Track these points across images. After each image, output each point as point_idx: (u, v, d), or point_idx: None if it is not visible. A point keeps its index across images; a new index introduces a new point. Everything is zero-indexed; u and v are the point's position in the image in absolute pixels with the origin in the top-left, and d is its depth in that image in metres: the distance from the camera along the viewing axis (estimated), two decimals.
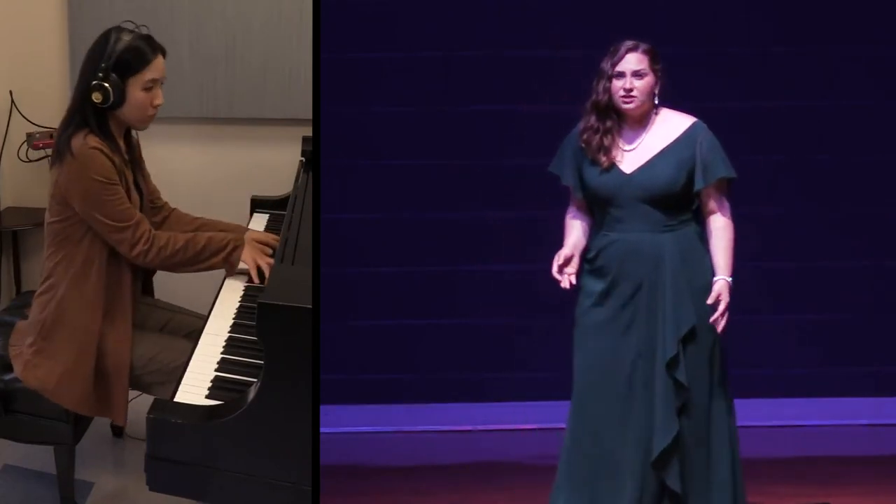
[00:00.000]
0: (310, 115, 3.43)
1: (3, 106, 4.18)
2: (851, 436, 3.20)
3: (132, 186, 2.78)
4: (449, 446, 3.20)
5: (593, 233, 2.40)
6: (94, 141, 2.64)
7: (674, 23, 3.22)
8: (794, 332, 3.28)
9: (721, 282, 2.33)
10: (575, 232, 2.40)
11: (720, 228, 2.35)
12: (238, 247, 2.82)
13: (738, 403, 3.28)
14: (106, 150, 2.65)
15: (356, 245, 3.31)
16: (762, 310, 3.27)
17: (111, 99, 2.66)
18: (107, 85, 2.65)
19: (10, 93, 4.17)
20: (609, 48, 2.35)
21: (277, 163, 4.02)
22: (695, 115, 2.41)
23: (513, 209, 3.26)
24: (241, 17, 4.06)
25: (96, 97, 2.66)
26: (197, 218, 3.18)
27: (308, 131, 3.76)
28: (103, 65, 2.65)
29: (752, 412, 3.24)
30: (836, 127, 3.28)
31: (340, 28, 3.24)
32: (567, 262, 2.35)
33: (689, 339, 2.31)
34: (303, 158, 3.73)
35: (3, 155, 4.22)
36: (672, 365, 2.29)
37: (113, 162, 2.66)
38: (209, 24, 4.06)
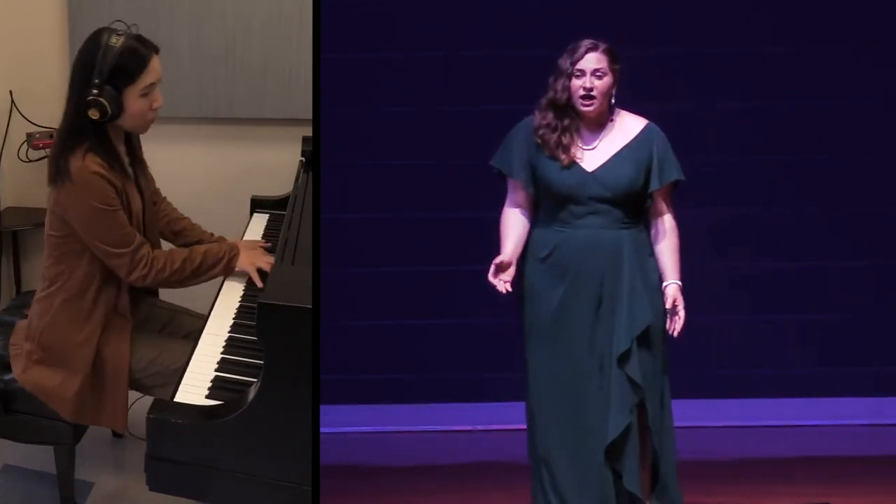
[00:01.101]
0: (310, 115, 3.43)
1: (3, 106, 4.18)
2: (851, 436, 3.19)
3: (134, 190, 2.73)
4: (449, 446, 3.19)
5: (540, 228, 2.38)
6: (93, 163, 2.54)
7: (674, 23, 3.22)
8: (794, 332, 3.28)
9: (674, 286, 2.33)
10: (515, 234, 2.38)
11: (670, 230, 2.35)
12: (234, 256, 2.80)
13: (738, 403, 3.29)
14: (106, 171, 2.56)
15: (356, 245, 3.31)
16: (762, 310, 3.27)
17: (109, 113, 2.56)
18: (102, 100, 2.53)
19: (10, 93, 4.18)
20: (567, 46, 2.35)
21: (277, 163, 4.02)
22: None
23: None
24: (241, 17, 4.06)
25: (93, 114, 2.54)
26: (182, 218, 3.18)
27: (308, 131, 3.76)
28: (96, 80, 2.53)
29: (752, 412, 3.25)
30: (836, 127, 3.28)
31: (340, 28, 3.24)
32: (505, 268, 2.34)
33: (643, 335, 2.30)
34: (303, 158, 3.73)
35: (3, 155, 4.22)
36: (623, 360, 2.29)
37: (114, 185, 2.58)
38: (209, 24, 4.06)
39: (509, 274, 2.34)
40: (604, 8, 3.17)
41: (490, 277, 2.33)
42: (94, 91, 2.54)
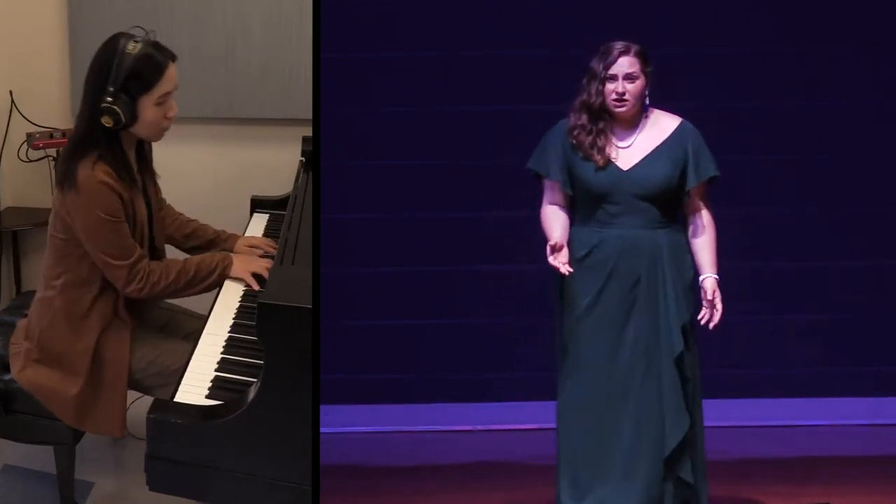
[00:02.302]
0: (310, 115, 3.42)
1: (3, 106, 4.18)
2: (851, 436, 3.19)
3: (140, 199, 2.72)
4: (449, 446, 3.19)
5: (577, 228, 2.39)
6: (101, 172, 2.52)
7: (674, 23, 3.22)
8: (794, 332, 3.28)
9: (712, 279, 2.36)
10: (560, 223, 2.38)
11: (707, 225, 2.38)
12: (227, 265, 2.76)
13: (739, 403, 3.28)
14: (113, 181, 2.54)
15: (356, 245, 3.31)
16: (762, 310, 3.27)
17: (122, 122, 2.54)
18: (116, 108, 2.51)
19: (10, 93, 4.18)
20: (600, 48, 2.36)
21: (277, 163, 4.02)
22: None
23: (513, 209, 3.26)
24: (241, 17, 4.06)
25: (106, 121, 2.52)
26: (191, 221, 3.16)
27: (308, 131, 3.75)
28: (111, 87, 2.50)
29: (752, 412, 3.25)
30: (836, 127, 3.28)
31: (340, 28, 3.24)
32: (560, 248, 2.34)
33: (687, 333, 2.34)
34: (303, 158, 3.73)
35: (3, 155, 4.22)
36: (680, 360, 2.33)
37: (120, 195, 2.56)
38: (209, 24, 4.06)
39: (564, 255, 2.33)
40: (604, 8, 3.17)
41: (549, 259, 2.33)
42: (109, 98, 2.51)
